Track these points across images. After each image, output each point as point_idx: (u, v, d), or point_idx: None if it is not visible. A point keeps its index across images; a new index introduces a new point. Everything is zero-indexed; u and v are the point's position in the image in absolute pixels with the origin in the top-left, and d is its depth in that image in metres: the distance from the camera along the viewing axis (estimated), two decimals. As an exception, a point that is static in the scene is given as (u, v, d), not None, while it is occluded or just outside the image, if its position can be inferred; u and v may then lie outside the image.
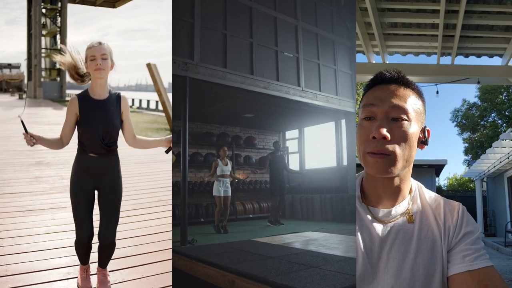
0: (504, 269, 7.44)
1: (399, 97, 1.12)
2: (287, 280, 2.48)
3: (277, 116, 7.02)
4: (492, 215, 14.39)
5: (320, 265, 2.94)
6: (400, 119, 1.10)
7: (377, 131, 1.07)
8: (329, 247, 3.88)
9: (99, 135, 2.20)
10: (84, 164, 2.26)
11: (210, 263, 3.10)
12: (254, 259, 3.24)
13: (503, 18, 4.74)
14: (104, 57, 2.17)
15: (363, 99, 1.18)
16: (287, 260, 3.20)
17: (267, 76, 5.64)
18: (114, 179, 2.31)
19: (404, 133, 1.09)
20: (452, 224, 1.14)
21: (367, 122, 1.12)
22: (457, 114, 23.17)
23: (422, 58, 5.88)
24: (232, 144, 7.20)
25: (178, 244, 4.15)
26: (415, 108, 1.13)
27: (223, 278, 2.84)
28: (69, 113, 2.22)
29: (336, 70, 6.59)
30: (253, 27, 5.63)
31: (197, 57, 4.85)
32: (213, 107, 6.25)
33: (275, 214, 6.18)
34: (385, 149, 1.07)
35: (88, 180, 2.25)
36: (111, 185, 2.30)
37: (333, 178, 7.02)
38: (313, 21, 6.41)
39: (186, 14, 4.86)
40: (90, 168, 2.25)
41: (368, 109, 1.13)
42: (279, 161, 6.34)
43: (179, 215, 4.34)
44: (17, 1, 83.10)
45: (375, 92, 1.15)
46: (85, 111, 2.20)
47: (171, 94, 12.15)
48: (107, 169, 2.28)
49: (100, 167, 2.26)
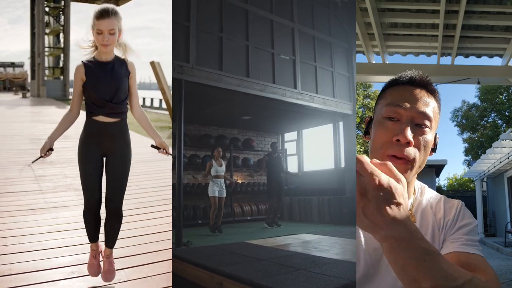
0: (504, 269, 7.42)
1: (426, 103, 1.11)
2: (272, 282, 2.51)
3: (274, 119, 7.03)
4: (492, 215, 14.37)
5: (308, 267, 2.96)
6: (423, 125, 1.09)
7: (402, 134, 1.05)
8: (321, 249, 3.89)
9: (106, 95, 2.18)
10: (92, 130, 2.23)
11: (199, 265, 3.12)
12: (244, 261, 3.27)
13: (503, 18, 4.74)
14: (112, 32, 2.12)
15: (386, 97, 1.15)
16: (276, 262, 3.22)
17: (263, 79, 5.63)
18: (122, 146, 2.29)
19: (424, 140, 1.09)
20: (450, 219, 1.15)
21: (390, 122, 1.09)
22: (457, 114, 23.12)
23: (422, 58, 5.88)
24: (230, 146, 7.20)
25: (173, 246, 4.17)
26: (436, 116, 1.13)
27: (211, 280, 2.87)
28: (76, 80, 2.22)
29: (333, 72, 6.58)
30: (249, 30, 5.62)
31: (193, 60, 4.85)
32: (210, 110, 6.25)
33: (273, 216, 6.17)
34: (408, 154, 1.06)
35: (96, 146, 2.24)
36: (119, 151, 2.28)
37: (331, 180, 7.02)
38: (310, 24, 6.39)
39: (182, 17, 4.85)
40: (97, 134, 2.23)
41: (394, 110, 1.10)
42: (276, 162, 6.34)
43: (175, 217, 4.38)
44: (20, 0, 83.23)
45: (402, 93, 1.12)
46: (91, 72, 2.19)
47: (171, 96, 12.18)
48: (115, 136, 2.26)
49: (108, 133, 2.23)
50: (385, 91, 1.17)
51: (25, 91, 34.26)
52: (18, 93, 34.56)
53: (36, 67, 32.52)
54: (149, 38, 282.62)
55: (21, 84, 39.72)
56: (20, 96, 31.82)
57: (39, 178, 5.33)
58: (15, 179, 5.25)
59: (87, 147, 2.25)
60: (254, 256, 3.55)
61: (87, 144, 2.25)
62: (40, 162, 6.28)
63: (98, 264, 2.46)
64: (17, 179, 5.25)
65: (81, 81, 2.21)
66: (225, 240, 4.75)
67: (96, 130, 2.23)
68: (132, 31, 62.19)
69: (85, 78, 2.19)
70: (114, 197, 2.29)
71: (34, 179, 5.29)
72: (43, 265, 2.69)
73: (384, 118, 1.11)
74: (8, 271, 2.57)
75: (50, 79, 34.08)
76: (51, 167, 6.05)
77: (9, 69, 41.43)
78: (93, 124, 2.23)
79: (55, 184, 5.01)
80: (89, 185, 2.26)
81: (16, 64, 42.08)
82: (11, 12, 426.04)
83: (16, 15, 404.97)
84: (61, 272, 2.59)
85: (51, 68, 35.05)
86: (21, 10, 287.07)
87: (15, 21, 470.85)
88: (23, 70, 41.43)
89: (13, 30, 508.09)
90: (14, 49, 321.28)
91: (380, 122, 1.12)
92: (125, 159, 2.31)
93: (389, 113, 1.10)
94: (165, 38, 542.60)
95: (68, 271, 2.61)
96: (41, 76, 32.16)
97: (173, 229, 4.23)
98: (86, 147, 2.26)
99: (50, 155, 2.27)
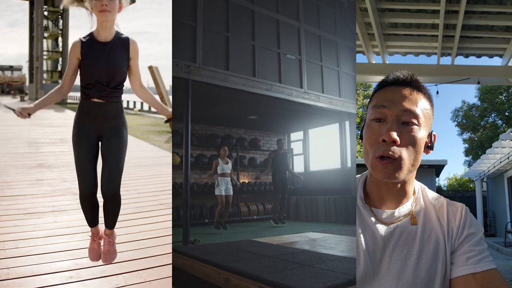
0: (504, 269, 7.43)
1: (411, 101, 1.12)
2: (279, 277, 2.50)
3: (281, 118, 7.03)
4: (492, 215, 14.36)
5: (314, 263, 2.95)
6: (410, 123, 1.10)
7: (387, 134, 1.07)
8: (327, 247, 3.88)
9: (103, 79, 2.06)
10: (87, 111, 2.11)
11: (207, 261, 3.11)
12: (250, 258, 3.26)
13: (503, 18, 4.74)
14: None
15: (373, 99, 1.17)
16: (282, 259, 3.21)
17: (270, 78, 5.65)
18: (118, 126, 2.16)
19: (413, 137, 1.09)
20: (455, 225, 1.14)
21: (377, 123, 1.11)
22: (457, 114, 23.16)
23: (422, 58, 5.90)
24: (237, 146, 7.21)
25: (180, 244, 4.17)
26: (425, 113, 1.13)
27: (218, 276, 2.85)
28: (71, 57, 2.08)
29: (339, 72, 6.59)
30: (256, 30, 5.64)
31: (200, 60, 4.87)
32: (217, 109, 6.26)
33: (279, 213, 6.20)
34: (393, 153, 1.07)
35: (90, 128, 2.12)
36: (115, 133, 2.14)
37: (337, 179, 7.02)
38: (316, 23, 6.41)
39: (188, 17, 4.88)
40: (92, 115, 2.11)
41: (379, 111, 1.12)
42: (281, 159, 6.36)
43: (182, 216, 4.39)
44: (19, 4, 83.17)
45: (387, 94, 1.14)
46: (87, 53, 2.05)
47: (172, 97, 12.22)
48: (111, 116, 2.14)
49: (103, 114, 2.11)
50: (374, 94, 1.20)
51: (23, 95, 34.31)
52: (16, 96, 34.60)
53: (34, 70, 32.57)
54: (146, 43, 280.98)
55: (19, 87, 39.78)
56: (18, 99, 31.85)
57: (37, 182, 5.30)
58: (13, 183, 5.23)
59: (82, 127, 2.13)
60: (260, 253, 3.54)
61: (81, 124, 2.13)
62: (38, 166, 6.23)
63: (98, 247, 2.37)
64: (15, 183, 5.23)
65: (77, 59, 2.08)
66: (232, 239, 4.75)
67: (91, 110, 2.11)
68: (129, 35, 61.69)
69: (80, 57, 2.06)
70: (111, 181, 2.14)
71: (32, 183, 5.28)
72: (41, 269, 2.67)
73: (371, 121, 1.13)
74: (6, 276, 2.55)
75: (48, 82, 34.13)
76: (49, 171, 6.03)
77: (7, 72, 41.50)
78: (87, 104, 2.12)
79: (53, 188, 4.98)
80: (84, 168, 2.13)
81: (14, 67, 42.15)
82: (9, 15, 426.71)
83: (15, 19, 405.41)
84: (60, 277, 2.57)
85: (49, 71, 35.12)
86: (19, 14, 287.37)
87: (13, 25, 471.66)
88: (21, 74, 41.50)
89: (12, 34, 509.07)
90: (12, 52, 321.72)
91: (368, 124, 1.14)
92: (122, 139, 2.17)
93: (375, 115, 1.12)
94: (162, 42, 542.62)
95: (67, 276, 2.59)
96: (39, 80, 32.19)
97: (180, 228, 4.27)
98: (80, 126, 2.13)
99: (26, 118, 2.08)
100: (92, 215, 2.27)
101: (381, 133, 1.08)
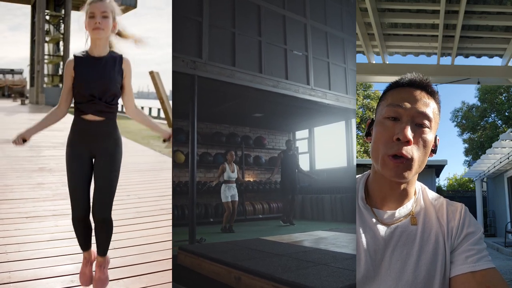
0: (504, 269, 7.42)
1: (425, 104, 1.14)
2: (294, 276, 2.42)
3: (286, 116, 6.97)
4: (492, 215, 14.36)
5: (329, 262, 2.88)
6: (423, 125, 1.12)
7: (402, 133, 1.08)
8: (339, 245, 3.82)
9: (95, 92, 2.02)
10: (79, 129, 2.08)
11: (216, 260, 3.04)
12: (261, 257, 3.18)
13: (503, 18, 4.74)
14: (105, 15, 2.00)
15: (387, 98, 1.18)
16: (294, 257, 3.14)
17: (276, 75, 5.59)
18: (111, 147, 2.11)
19: (424, 139, 1.11)
20: (455, 225, 1.15)
21: (391, 122, 1.12)
22: (457, 114, 23.18)
23: (422, 58, 5.89)
24: (242, 144, 7.15)
25: (186, 242, 4.14)
26: (435, 117, 1.16)
27: (229, 275, 2.79)
28: (66, 76, 2.07)
29: (346, 69, 6.53)
30: (262, 26, 5.59)
31: (206, 56, 4.81)
32: (222, 106, 6.20)
33: (288, 213, 6.16)
34: (406, 152, 1.08)
35: (83, 149, 2.08)
36: (107, 154, 2.10)
37: (343, 178, 6.94)
38: (323, 19, 6.36)
39: (194, 13, 4.83)
40: (85, 133, 2.07)
41: (394, 110, 1.13)
42: (291, 160, 6.31)
43: (188, 214, 4.36)
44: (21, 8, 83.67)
45: (402, 94, 1.16)
46: (80, 68, 2.04)
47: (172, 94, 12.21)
48: (105, 135, 2.10)
49: (96, 133, 2.08)
50: (386, 93, 1.21)
51: (24, 98, 34.40)
52: (17, 100, 34.68)
53: (35, 74, 32.63)
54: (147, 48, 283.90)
55: (20, 91, 39.87)
56: (19, 103, 31.92)
57: (38, 186, 5.29)
58: (13, 187, 5.21)
59: (74, 148, 2.10)
60: (271, 251, 3.47)
61: (74, 144, 2.10)
62: (39, 170, 6.23)
63: (90, 273, 2.34)
64: (16, 186, 5.22)
65: (71, 77, 2.06)
66: (239, 237, 4.70)
67: (84, 129, 2.08)
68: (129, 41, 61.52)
69: (74, 73, 2.05)
70: (102, 204, 2.10)
71: (32, 186, 5.26)
72: (42, 273, 2.66)
73: (385, 118, 1.14)
74: (8, 279, 2.54)
75: (49, 86, 34.18)
76: (50, 174, 6.02)
77: (8, 75, 41.61)
78: (80, 123, 2.08)
79: (54, 192, 4.96)
80: (76, 190, 2.10)
81: (15, 71, 42.27)
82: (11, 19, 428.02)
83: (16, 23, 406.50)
84: (61, 281, 2.56)
85: (50, 75, 35.16)
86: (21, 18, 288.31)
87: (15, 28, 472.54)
88: (22, 77, 41.62)
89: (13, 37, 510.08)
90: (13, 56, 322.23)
91: (381, 122, 1.15)
92: (115, 159, 2.12)
93: (389, 113, 1.13)
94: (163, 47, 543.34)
95: (68, 280, 2.58)
96: (40, 84, 32.23)
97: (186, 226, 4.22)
98: (73, 147, 2.10)
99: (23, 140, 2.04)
100: (85, 238, 2.24)
101: (396, 131, 1.09)
